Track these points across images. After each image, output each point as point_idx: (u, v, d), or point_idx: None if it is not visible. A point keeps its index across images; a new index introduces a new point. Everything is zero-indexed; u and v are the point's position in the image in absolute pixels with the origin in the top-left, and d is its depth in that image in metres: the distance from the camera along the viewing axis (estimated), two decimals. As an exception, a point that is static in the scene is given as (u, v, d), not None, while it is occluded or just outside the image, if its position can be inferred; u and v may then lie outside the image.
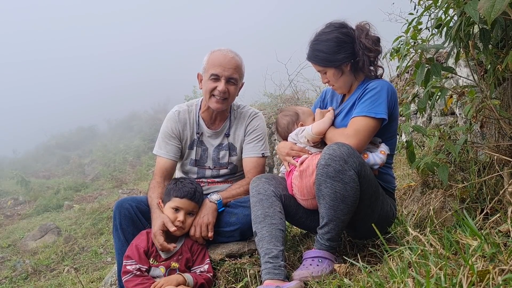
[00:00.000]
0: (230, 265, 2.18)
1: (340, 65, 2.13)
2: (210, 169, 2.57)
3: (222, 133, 2.57)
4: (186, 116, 2.56)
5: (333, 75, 2.15)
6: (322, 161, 1.87)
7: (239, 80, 2.45)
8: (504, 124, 2.13)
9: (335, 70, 2.14)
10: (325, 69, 2.16)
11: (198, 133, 2.54)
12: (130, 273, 2.06)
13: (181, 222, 2.16)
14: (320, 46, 2.13)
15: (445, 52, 3.40)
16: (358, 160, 1.87)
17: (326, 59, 2.12)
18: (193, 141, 2.56)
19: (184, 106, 2.60)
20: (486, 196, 2.08)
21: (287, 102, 8.73)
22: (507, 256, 1.18)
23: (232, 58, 2.42)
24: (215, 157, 2.56)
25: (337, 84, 2.19)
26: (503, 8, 1.44)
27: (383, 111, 2.01)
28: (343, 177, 1.84)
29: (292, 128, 2.26)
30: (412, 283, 1.24)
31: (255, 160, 2.51)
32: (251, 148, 2.53)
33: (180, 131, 2.52)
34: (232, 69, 2.39)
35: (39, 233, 6.85)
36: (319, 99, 2.50)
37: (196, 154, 2.55)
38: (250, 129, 2.56)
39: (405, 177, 3.29)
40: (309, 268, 1.90)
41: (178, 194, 2.20)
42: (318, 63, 2.16)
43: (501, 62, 1.94)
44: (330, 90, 2.44)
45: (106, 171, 12.97)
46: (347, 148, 1.86)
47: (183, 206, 2.19)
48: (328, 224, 1.91)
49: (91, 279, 4.60)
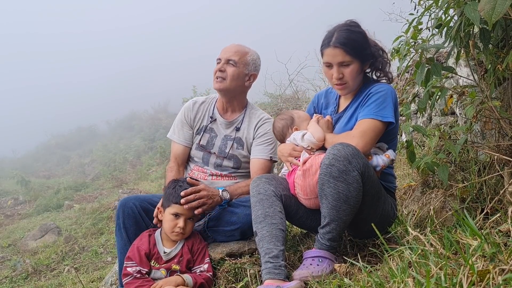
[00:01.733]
0: (230, 265, 2.19)
1: (364, 61, 2.09)
2: (214, 155, 2.61)
3: (233, 125, 2.64)
4: (201, 106, 2.71)
5: (356, 71, 2.06)
6: (326, 160, 1.86)
7: (240, 63, 2.53)
8: (504, 124, 2.13)
9: (359, 65, 2.06)
10: (352, 61, 2.04)
11: (211, 117, 2.66)
12: (130, 276, 2.06)
13: (181, 229, 2.14)
14: (354, 36, 2.03)
15: (445, 52, 3.40)
16: (362, 161, 1.87)
17: (358, 50, 2.03)
18: (202, 127, 2.66)
19: (202, 98, 2.77)
20: (486, 196, 2.08)
21: (287, 102, 8.74)
22: (507, 256, 1.18)
23: (237, 45, 2.60)
24: (222, 145, 2.62)
25: (351, 82, 2.08)
26: (504, 11, 1.43)
27: (389, 115, 2.01)
28: (346, 178, 1.83)
29: (287, 132, 2.27)
30: (412, 283, 1.24)
31: (263, 162, 2.54)
32: (260, 150, 2.57)
33: (191, 118, 2.68)
34: (231, 52, 2.54)
35: (39, 233, 6.85)
36: (312, 105, 2.45)
37: (203, 139, 2.64)
38: (261, 132, 2.60)
39: (405, 177, 3.29)
40: (309, 268, 1.90)
41: (178, 200, 2.16)
42: (350, 52, 2.02)
43: (501, 62, 1.94)
44: (323, 95, 2.40)
45: (106, 171, 12.96)
46: (351, 148, 1.85)
47: (183, 212, 2.16)
48: (329, 224, 1.91)
49: (91, 279, 4.59)
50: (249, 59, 2.57)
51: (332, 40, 2.04)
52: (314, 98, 2.49)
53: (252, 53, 2.60)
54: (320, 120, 2.21)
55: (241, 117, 2.64)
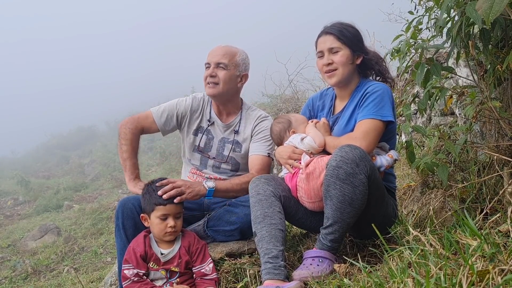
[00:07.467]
0: (230, 265, 2.18)
1: (356, 52, 2.13)
2: (212, 159, 2.60)
3: (230, 127, 2.62)
4: (200, 103, 2.65)
5: (346, 57, 2.10)
6: (333, 162, 1.85)
7: (231, 66, 2.48)
8: (504, 124, 2.13)
9: (350, 53, 2.11)
10: (342, 47, 2.10)
11: (209, 121, 2.61)
12: (128, 280, 2.06)
13: (172, 228, 2.11)
14: (346, 27, 2.13)
15: (445, 53, 3.40)
16: (369, 164, 1.87)
17: (350, 38, 2.11)
18: (199, 128, 2.62)
19: (200, 95, 2.70)
20: (486, 196, 2.08)
21: (287, 102, 8.73)
22: (507, 256, 1.18)
23: (224, 47, 2.53)
24: (219, 147, 2.60)
25: (341, 69, 2.11)
26: (501, 9, 1.43)
27: (388, 114, 2.02)
28: (353, 180, 1.82)
29: (284, 135, 2.27)
30: (412, 283, 1.24)
31: (261, 157, 2.52)
32: (258, 146, 2.55)
33: (187, 117, 2.61)
34: (220, 55, 2.47)
35: (39, 233, 6.85)
36: (307, 108, 2.45)
37: (200, 141, 2.60)
38: (259, 129, 2.58)
39: (405, 177, 3.29)
40: (309, 268, 1.90)
41: (161, 202, 2.12)
42: (340, 38, 2.10)
43: (501, 62, 1.94)
44: (318, 97, 2.41)
45: (106, 171, 12.96)
46: (359, 151, 1.84)
47: (169, 212, 2.12)
48: (333, 225, 1.90)
49: (91, 279, 4.59)
50: (239, 60, 2.52)
51: (325, 30, 2.15)
52: (308, 101, 2.49)
53: (241, 53, 2.55)
54: (317, 124, 2.20)
55: (238, 119, 2.62)
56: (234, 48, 2.55)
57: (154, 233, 2.16)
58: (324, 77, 2.22)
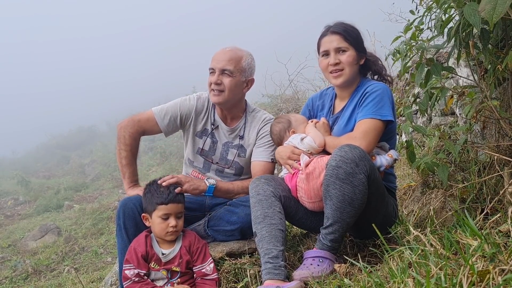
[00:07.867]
0: (230, 265, 2.19)
1: (360, 52, 2.15)
2: (216, 163, 2.55)
3: (235, 132, 2.56)
4: (205, 104, 2.55)
5: (353, 58, 2.12)
6: (333, 162, 1.85)
7: (236, 72, 2.37)
8: (504, 124, 2.13)
9: (356, 54, 2.13)
10: (349, 47, 2.12)
11: (213, 124, 2.54)
12: (129, 280, 2.06)
13: (174, 227, 2.11)
14: (350, 27, 2.15)
15: (445, 53, 3.40)
16: (369, 163, 1.87)
17: (355, 38, 2.13)
18: (204, 130, 2.56)
19: (205, 94, 2.58)
20: (486, 196, 2.08)
21: (287, 102, 8.74)
22: (507, 256, 1.18)
23: (229, 51, 2.41)
24: (223, 152, 2.55)
25: (348, 70, 2.12)
26: (504, 10, 1.43)
27: (388, 113, 2.02)
28: (353, 180, 1.82)
29: (284, 135, 2.27)
30: (412, 283, 1.24)
31: (264, 164, 2.47)
32: (261, 152, 2.50)
33: (192, 118, 2.52)
34: (225, 61, 2.36)
35: (39, 233, 6.85)
36: (306, 108, 2.44)
37: (204, 144, 2.55)
38: (263, 133, 2.53)
39: (405, 177, 3.29)
40: (310, 268, 1.90)
41: (163, 201, 2.11)
42: (347, 38, 2.11)
43: (501, 62, 1.94)
44: (317, 97, 2.41)
45: (106, 171, 12.97)
46: (359, 151, 1.85)
47: (171, 211, 2.12)
48: (333, 225, 1.90)
49: (91, 279, 4.59)
50: (245, 65, 2.41)
51: (330, 29, 2.15)
52: (308, 101, 2.48)
53: (246, 56, 2.43)
54: (316, 124, 2.20)
55: (242, 122, 2.56)
56: (239, 51, 2.44)
57: (155, 233, 2.16)
58: (328, 77, 2.20)
